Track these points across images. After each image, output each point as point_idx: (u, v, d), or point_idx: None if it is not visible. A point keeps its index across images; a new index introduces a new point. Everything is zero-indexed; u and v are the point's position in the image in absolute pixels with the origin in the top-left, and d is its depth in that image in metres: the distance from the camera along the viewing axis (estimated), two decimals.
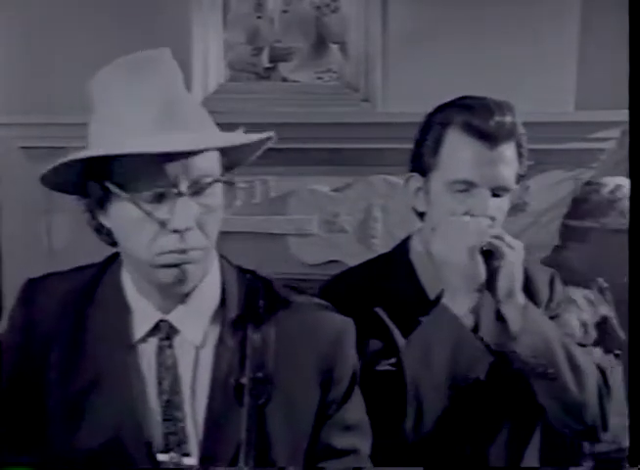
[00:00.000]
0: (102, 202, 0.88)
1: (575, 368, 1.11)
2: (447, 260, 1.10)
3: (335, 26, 2.14)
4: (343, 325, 0.99)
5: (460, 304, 1.10)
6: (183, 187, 0.82)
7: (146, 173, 0.81)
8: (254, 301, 0.96)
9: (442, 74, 1.96)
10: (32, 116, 2.09)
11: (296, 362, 0.93)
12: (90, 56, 2.12)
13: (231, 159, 0.91)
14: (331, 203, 2.10)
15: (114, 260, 0.98)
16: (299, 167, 2.05)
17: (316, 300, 1.02)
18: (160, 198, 0.82)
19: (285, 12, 2.18)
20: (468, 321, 1.10)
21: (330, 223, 2.11)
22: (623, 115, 1.13)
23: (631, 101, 1.01)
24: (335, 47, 2.15)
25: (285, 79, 2.19)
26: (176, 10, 2.09)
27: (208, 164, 0.85)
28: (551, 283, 1.28)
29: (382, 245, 2.05)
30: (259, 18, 2.19)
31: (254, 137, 0.88)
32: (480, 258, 1.09)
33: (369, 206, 2.08)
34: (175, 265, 0.85)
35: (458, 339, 1.09)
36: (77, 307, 0.95)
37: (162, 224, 0.83)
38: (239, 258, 1.07)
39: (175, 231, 0.82)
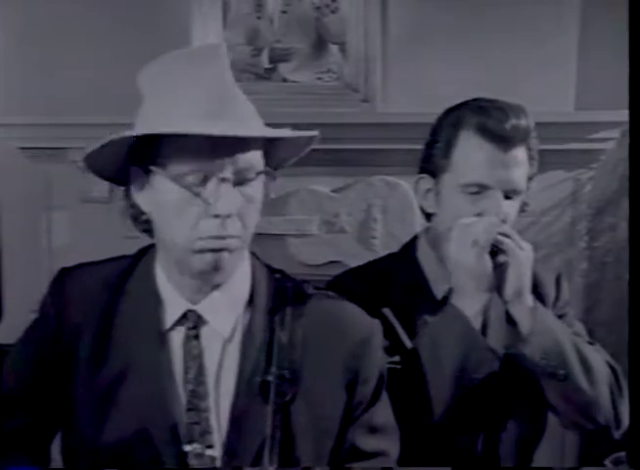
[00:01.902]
0: (144, 187, 0.89)
1: (587, 367, 1.11)
2: (458, 260, 1.10)
3: (334, 27, 2.14)
4: (371, 326, 0.99)
5: (469, 304, 1.10)
6: (228, 173, 0.84)
7: (193, 157, 0.83)
8: (283, 299, 0.96)
9: (442, 75, 1.97)
10: (32, 116, 2.09)
11: (322, 362, 0.93)
12: (90, 56, 2.14)
13: (275, 158, 0.93)
14: (331, 203, 2.10)
15: (146, 252, 0.99)
16: (299, 167, 2.03)
17: (344, 301, 1.02)
18: (203, 182, 0.84)
19: (285, 12, 2.18)
20: (476, 322, 1.10)
21: (330, 224, 2.11)
22: (623, 115, 1.13)
23: (631, 101, 1.01)
24: (334, 47, 2.15)
25: (285, 80, 2.19)
26: (176, 10, 2.09)
27: (253, 157, 0.87)
28: (557, 282, 1.28)
29: (382, 245, 2.05)
30: (259, 18, 2.19)
31: (300, 133, 0.91)
32: (488, 258, 1.09)
33: (369, 206, 2.08)
34: (212, 251, 0.86)
35: (467, 340, 1.09)
36: (109, 298, 0.95)
37: (206, 208, 0.84)
38: None
39: (217, 216, 0.84)
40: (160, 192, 0.87)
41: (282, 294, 0.97)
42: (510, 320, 1.12)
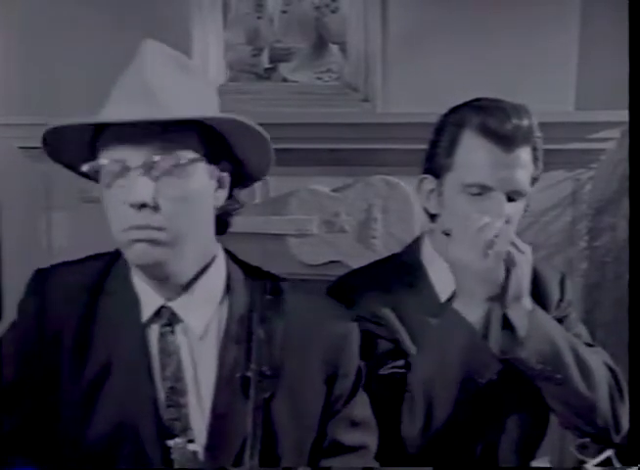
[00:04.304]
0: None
1: (585, 370, 1.10)
2: (468, 265, 1.08)
3: (335, 27, 2.14)
4: (347, 320, 1.00)
5: (474, 309, 1.08)
6: (139, 161, 0.84)
7: (115, 146, 0.86)
8: (261, 295, 0.97)
9: (442, 75, 1.96)
10: (32, 116, 2.09)
11: (301, 358, 0.94)
12: (90, 56, 2.14)
13: (242, 156, 0.95)
14: (331, 203, 2.10)
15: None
16: (299, 167, 2.05)
17: (321, 296, 1.04)
18: (124, 171, 0.86)
19: (285, 12, 2.18)
20: (479, 327, 1.09)
21: (330, 223, 2.11)
22: (623, 115, 1.13)
23: (631, 101, 1.01)
24: (335, 47, 2.15)
25: (285, 80, 2.19)
26: (176, 10, 2.09)
27: (177, 146, 0.86)
28: (561, 283, 1.27)
29: (382, 245, 2.05)
30: (259, 18, 2.19)
31: (221, 117, 0.89)
32: (503, 266, 1.07)
33: (369, 206, 2.08)
34: (137, 242, 0.86)
35: (469, 345, 1.08)
36: (89, 297, 0.96)
37: (125, 198, 0.85)
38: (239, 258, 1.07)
39: (131, 205, 0.84)
40: (101, 184, 0.89)
41: (259, 290, 0.97)
42: (507, 324, 1.11)
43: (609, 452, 0.95)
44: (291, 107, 2.06)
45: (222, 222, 0.99)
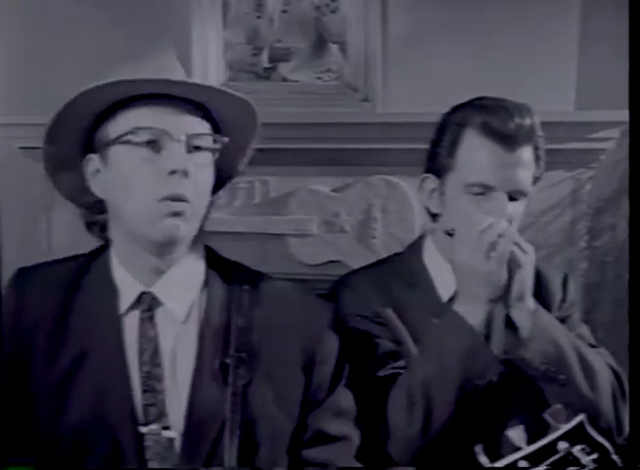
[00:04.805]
0: (98, 171, 0.95)
1: (588, 371, 1.10)
2: (472, 267, 1.07)
3: (334, 26, 2.14)
4: (324, 308, 1.03)
5: (475, 311, 1.08)
6: (178, 136, 0.88)
7: (147, 121, 0.89)
8: (239, 283, 0.99)
9: (442, 75, 1.96)
10: (32, 116, 2.09)
11: (279, 345, 0.96)
12: (90, 56, 2.14)
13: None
14: (331, 203, 2.10)
15: (104, 249, 1.01)
16: (299, 167, 2.05)
17: (297, 286, 1.06)
18: (154, 145, 0.89)
19: (285, 12, 2.17)
20: (480, 328, 1.09)
21: (330, 223, 2.11)
22: (623, 115, 1.13)
23: (631, 101, 1.00)
24: (334, 47, 2.14)
25: (285, 79, 2.18)
26: (176, 10, 2.08)
27: (200, 124, 0.93)
28: (564, 283, 1.27)
29: (382, 245, 2.05)
30: (259, 18, 2.19)
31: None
32: (506, 268, 1.07)
33: (369, 206, 2.08)
34: (168, 216, 0.88)
35: (469, 346, 1.08)
36: (65, 293, 0.97)
37: (161, 167, 0.88)
38: (239, 258, 1.07)
39: (172, 172, 0.87)
40: (117, 162, 0.91)
41: (238, 278, 0.99)
42: (510, 325, 1.11)
43: (580, 417, 0.96)
44: (290, 107, 2.06)
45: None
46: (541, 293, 1.16)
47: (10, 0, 2.19)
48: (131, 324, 0.95)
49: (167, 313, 0.95)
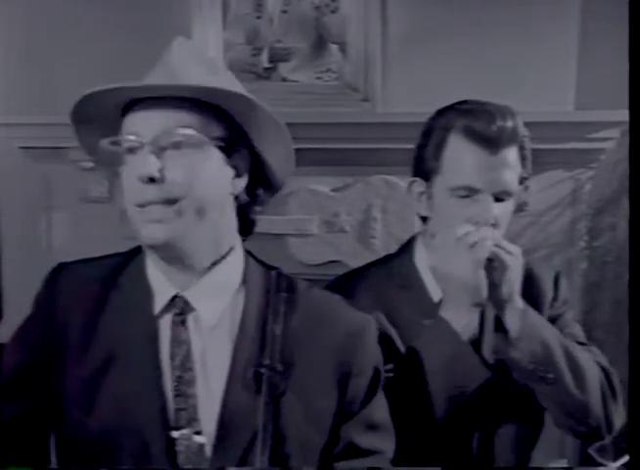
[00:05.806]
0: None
1: (576, 370, 1.10)
2: (449, 274, 1.09)
3: (334, 26, 2.14)
4: (363, 321, 0.99)
5: (460, 316, 1.09)
6: (147, 138, 0.87)
7: (131, 123, 0.89)
8: (277, 292, 0.97)
9: (442, 75, 1.96)
10: (32, 116, 2.09)
11: (314, 356, 0.94)
12: (90, 56, 2.14)
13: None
14: (331, 203, 2.10)
15: (140, 249, 1.00)
16: (299, 167, 2.04)
17: (337, 296, 1.03)
18: (130, 152, 0.89)
19: (285, 12, 2.17)
20: (467, 334, 1.09)
21: (330, 223, 2.11)
22: (623, 115, 1.13)
23: (631, 101, 1.00)
24: (334, 47, 2.15)
25: (285, 79, 2.18)
26: (176, 10, 2.09)
27: (181, 121, 0.88)
28: (556, 281, 1.27)
29: (381, 245, 2.05)
30: (259, 18, 2.19)
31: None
32: (483, 273, 1.07)
33: (369, 206, 2.08)
34: (148, 222, 0.87)
35: (455, 353, 1.08)
36: (100, 291, 0.97)
37: (136, 173, 0.87)
38: None
39: (140, 179, 0.86)
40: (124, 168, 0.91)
41: (276, 287, 0.98)
42: (499, 325, 1.11)
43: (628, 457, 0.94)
44: (290, 107, 2.05)
45: (246, 221, 1.00)
46: (532, 292, 1.17)
47: (10, 0, 2.19)
48: (164, 327, 0.94)
49: (199, 319, 0.94)
